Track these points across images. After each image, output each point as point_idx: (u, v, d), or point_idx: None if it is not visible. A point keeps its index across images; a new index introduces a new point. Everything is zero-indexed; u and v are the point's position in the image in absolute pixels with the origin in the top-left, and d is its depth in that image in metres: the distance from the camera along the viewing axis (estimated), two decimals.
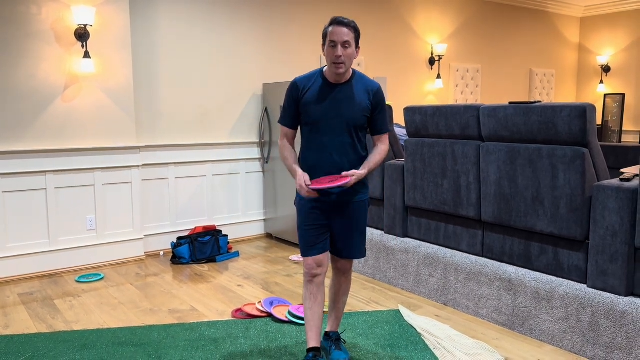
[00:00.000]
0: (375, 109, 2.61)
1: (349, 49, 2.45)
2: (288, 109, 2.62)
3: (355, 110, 2.54)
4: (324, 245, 2.61)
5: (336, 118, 2.53)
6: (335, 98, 2.54)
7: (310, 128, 2.58)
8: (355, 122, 2.55)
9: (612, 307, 2.71)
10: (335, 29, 2.43)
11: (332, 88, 2.55)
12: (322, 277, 2.63)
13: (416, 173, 3.85)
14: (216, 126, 5.29)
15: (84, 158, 4.45)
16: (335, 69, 2.48)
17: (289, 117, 2.63)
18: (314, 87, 2.57)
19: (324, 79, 2.57)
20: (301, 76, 2.62)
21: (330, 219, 2.62)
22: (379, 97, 2.60)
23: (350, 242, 2.66)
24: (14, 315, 3.51)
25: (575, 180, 2.89)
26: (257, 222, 5.62)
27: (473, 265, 3.43)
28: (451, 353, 2.86)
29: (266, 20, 5.53)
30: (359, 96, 2.55)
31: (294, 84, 2.59)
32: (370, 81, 2.62)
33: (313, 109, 2.55)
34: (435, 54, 7.16)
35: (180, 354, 2.89)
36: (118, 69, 4.57)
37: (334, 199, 2.59)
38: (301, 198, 2.63)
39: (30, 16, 4.17)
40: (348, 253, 2.68)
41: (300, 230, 2.64)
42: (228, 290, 3.96)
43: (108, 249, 4.63)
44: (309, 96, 2.56)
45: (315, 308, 2.62)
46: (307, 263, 2.61)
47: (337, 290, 2.79)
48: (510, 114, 3.17)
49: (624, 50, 8.56)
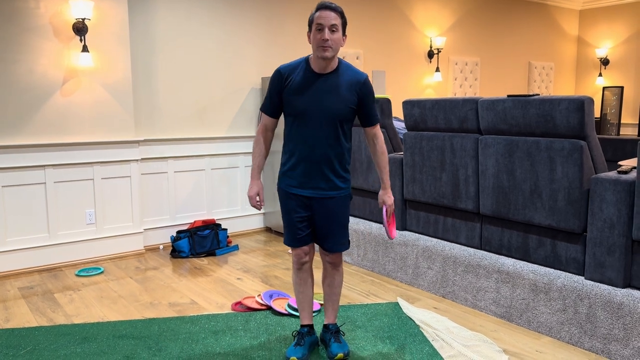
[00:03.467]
0: (363, 100, 2.55)
1: (336, 33, 2.41)
2: (271, 98, 2.57)
3: (341, 102, 2.49)
4: (307, 237, 2.67)
5: (321, 110, 2.48)
6: (321, 89, 2.48)
7: (294, 119, 2.53)
8: (340, 115, 2.50)
9: (610, 298, 2.73)
10: (323, 13, 2.40)
11: (318, 78, 2.49)
12: (310, 263, 2.74)
13: (415, 166, 3.86)
14: (215, 120, 5.29)
15: (83, 152, 4.45)
16: (322, 52, 2.41)
17: (271, 106, 2.59)
18: (298, 77, 2.51)
19: (309, 68, 2.51)
20: (286, 64, 2.56)
21: (312, 212, 2.63)
22: (367, 88, 2.55)
23: (332, 235, 2.65)
24: (15, 309, 3.52)
25: (573, 172, 2.90)
26: (256, 216, 5.63)
27: (471, 258, 3.44)
28: (449, 345, 2.87)
29: (265, 14, 5.52)
30: (345, 88, 2.50)
31: (278, 72, 2.54)
32: (357, 72, 2.56)
33: (297, 100, 2.49)
34: (434, 47, 7.15)
35: (180, 347, 2.90)
36: (116, 63, 4.56)
37: (321, 194, 2.59)
38: (283, 190, 2.65)
39: (29, 10, 4.16)
40: (330, 246, 2.67)
41: (284, 222, 2.68)
42: (227, 284, 3.98)
43: (107, 243, 4.64)
44: (293, 86, 2.50)
45: (307, 291, 2.76)
46: (295, 253, 2.70)
47: (329, 283, 2.80)
48: (509, 107, 3.17)
49: (622, 43, 8.55)
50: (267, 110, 2.61)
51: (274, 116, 2.61)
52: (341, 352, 2.69)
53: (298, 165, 2.57)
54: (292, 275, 2.78)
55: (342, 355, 2.68)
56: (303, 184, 2.59)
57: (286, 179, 2.63)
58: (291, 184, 2.61)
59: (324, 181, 2.58)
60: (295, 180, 2.60)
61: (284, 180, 2.64)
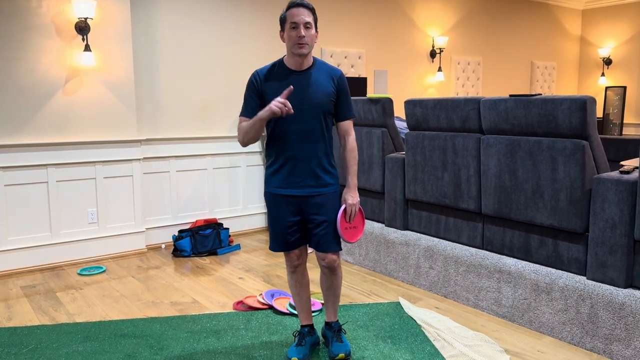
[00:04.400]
0: (339, 94, 2.58)
1: (310, 30, 2.45)
2: (249, 101, 2.53)
3: (321, 95, 2.50)
4: (297, 241, 2.63)
5: (301, 105, 2.48)
6: (299, 85, 2.49)
7: (276, 118, 2.50)
8: (322, 107, 2.51)
9: (611, 299, 2.72)
10: (295, 11, 2.42)
11: (295, 75, 2.51)
12: (304, 265, 2.73)
13: (416, 166, 3.86)
14: (217, 119, 5.30)
15: (85, 151, 4.46)
16: (298, 49, 2.43)
17: (249, 109, 2.52)
18: (275, 76, 2.51)
19: (285, 67, 2.53)
20: (261, 67, 2.58)
21: (302, 213, 2.59)
22: (343, 82, 2.59)
23: (324, 235, 2.58)
24: (17, 307, 3.53)
25: (575, 172, 2.90)
26: (258, 215, 5.64)
27: (473, 258, 3.44)
28: (451, 344, 2.87)
29: (267, 12, 5.52)
30: (323, 81, 2.52)
31: (254, 74, 2.54)
32: (332, 67, 2.60)
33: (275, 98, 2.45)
34: (436, 47, 7.14)
35: (181, 346, 2.91)
36: (119, 62, 4.57)
37: (311, 192, 2.55)
38: (271, 193, 2.59)
39: (31, 10, 4.16)
40: (323, 246, 2.59)
41: (272, 228, 2.62)
42: (229, 283, 3.98)
43: (109, 242, 4.65)
44: (270, 85, 2.50)
45: (302, 293, 2.76)
46: (288, 257, 2.68)
47: (328, 286, 2.74)
48: (511, 106, 3.17)
49: (625, 42, 8.53)
50: (247, 114, 2.52)
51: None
52: (342, 352, 2.68)
53: (284, 165, 2.55)
54: (287, 278, 2.79)
55: (343, 355, 2.68)
56: (291, 184, 2.55)
57: (273, 181, 2.59)
58: (279, 185, 2.57)
59: (312, 178, 2.55)
60: (283, 181, 2.56)
61: (271, 183, 2.60)
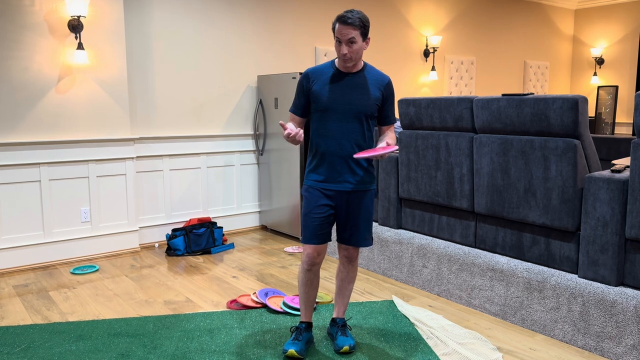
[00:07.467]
0: (386, 100, 2.69)
1: (354, 45, 2.52)
2: (298, 99, 2.70)
3: (366, 98, 2.61)
4: (327, 235, 2.68)
5: (346, 105, 2.60)
6: (347, 86, 2.61)
7: (320, 115, 2.63)
8: (366, 109, 2.61)
9: (603, 297, 2.74)
10: (339, 28, 2.51)
11: (343, 76, 2.62)
12: (319, 265, 2.72)
13: (410, 165, 3.87)
14: (210, 118, 5.29)
15: (78, 150, 4.44)
16: (342, 63, 2.59)
17: (298, 107, 2.71)
18: (324, 76, 2.64)
19: (335, 68, 2.65)
20: (313, 67, 2.70)
21: (337, 208, 2.67)
22: (390, 89, 2.70)
23: (358, 231, 2.72)
24: (9, 306, 3.51)
25: (567, 171, 2.92)
26: (251, 214, 5.63)
27: (466, 256, 3.46)
28: (444, 342, 2.89)
29: (261, 12, 5.52)
30: (370, 85, 2.63)
31: (305, 74, 2.67)
32: (380, 73, 2.70)
33: (323, 96, 2.60)
34: (429, 46, 7.16)
35: (175, 345, 2.91)
36: (112, 61, 4.55)
37: (348, 188, 2.64)
38: (309, 186, 2.68)
39: (24, 8, 4.14)
40: (356, 241, 2.73)
41: (306, 219, 2.67)
42: (223, 282, 3.98)
43: (103, 241, 4.63)
44: (319, 84, 2.63)
45: (311, 292, 2.77)
46: (307, 252, 2.67)
47: (344, 277, 2.85)
48: (503, 106, 3.19)
49: (617, 42, 8.59)
50: (295, 111, 2.72)
51: (302, 116, 2.72)
52: (347, 345, 2.74)
53: (325, 160, 2.64)
54: (299, 274, 2.76)
55: (348, 348, 2.73)
56: (330, 179, 2.64)
57: (313, 175, 2.69)
58: (318, 179, 2.66)
59: (351, 175, 2.64)
60: (322, 176, 2.65)
61: (311, 177, 2.70)
